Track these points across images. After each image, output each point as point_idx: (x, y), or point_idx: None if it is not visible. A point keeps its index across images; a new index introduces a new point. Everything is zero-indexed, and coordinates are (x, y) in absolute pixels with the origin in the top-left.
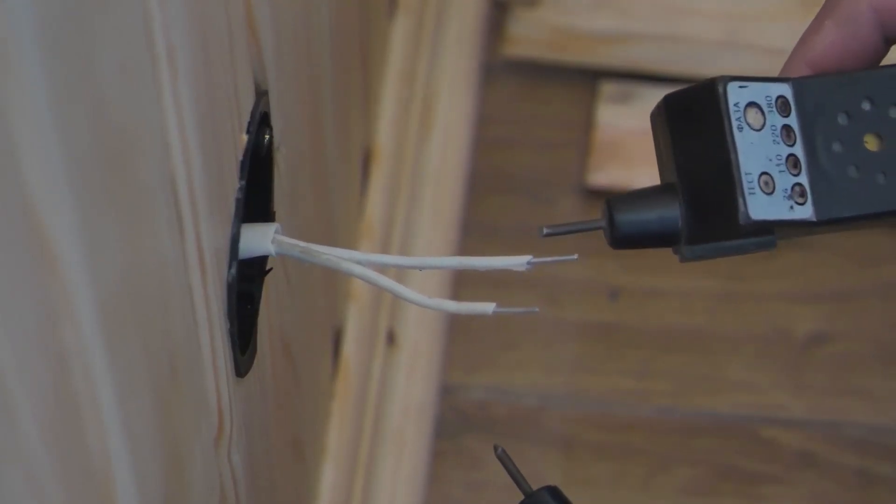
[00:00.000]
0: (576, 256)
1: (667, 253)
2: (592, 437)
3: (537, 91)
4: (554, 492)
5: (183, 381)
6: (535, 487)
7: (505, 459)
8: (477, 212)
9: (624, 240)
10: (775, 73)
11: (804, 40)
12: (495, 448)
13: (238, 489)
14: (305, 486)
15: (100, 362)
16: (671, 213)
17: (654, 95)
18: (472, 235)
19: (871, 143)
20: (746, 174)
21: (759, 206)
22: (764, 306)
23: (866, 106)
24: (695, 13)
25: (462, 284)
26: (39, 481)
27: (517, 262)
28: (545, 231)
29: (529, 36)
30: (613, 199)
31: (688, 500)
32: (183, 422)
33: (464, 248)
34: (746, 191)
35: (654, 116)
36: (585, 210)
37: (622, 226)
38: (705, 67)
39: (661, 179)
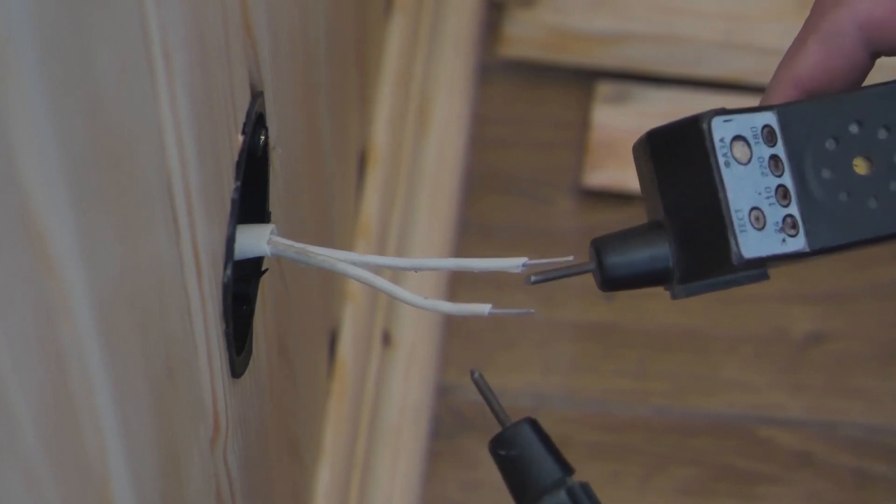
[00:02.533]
0: (571, 258)
1: None
2: (589, 438)
3: (533, 91)
4: (534, 424)
5: (179, 382)
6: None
7: (481, 384)
8: (473, 212)
9: (614, 282)
10: (771, 71)
11: (788, 60)
12: (472, 373)
13: (234, 489)
14: (302, 487)
15: (96, 362)
16: (661, 252)
17: (651, 96)
18: (469, 235)
19: (860, 166)
20: (737, 211)
21: (752, 244)
22: (761, 306)
23: (854, 129)
24: (691, 13)
25: (459, 284)
26: (37, 480)
27: (512, 263)
28: (533, 279)
29: (526, 36)
30: (601, 241)
31: (685, 499)
32: (179, 422)
33: (460, 248)
34: (738, 229)
35: (637, 151)
36: (582, 210)
37: (612, 268)
38: (701, 67)
39: (648, 215)
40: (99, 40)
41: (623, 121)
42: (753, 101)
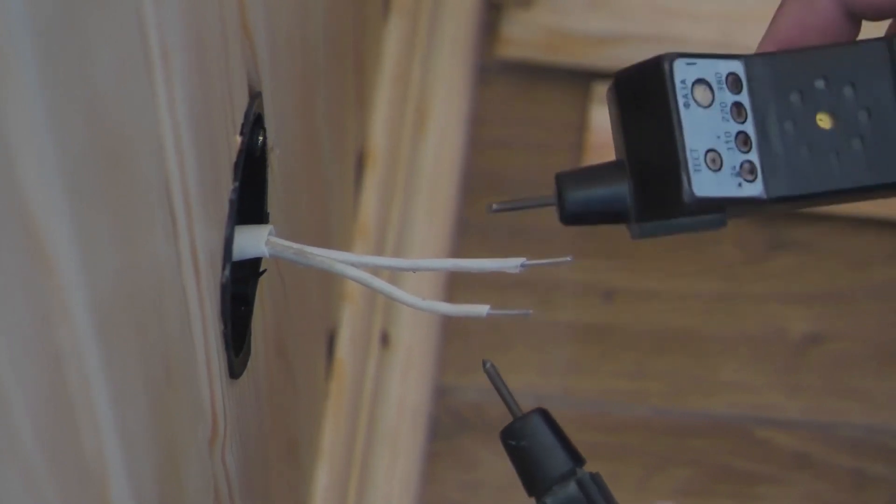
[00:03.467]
0: (570, 258)
1: (660, 254)
2: (587, 438)
3: (531, 92)
4: (544, 414)
5: (177, 383)
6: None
7: (493, 375)
8: (471, 213)
9: (573, 217)
10: None
11: (770, 22)
12: (484, 363)
13: (232, 490)
14: (300, 487)
15: (94, 363)
16: (619, 190)
17: None
18: (467, 236)
19: (824, 121)
20: (692, 151)
21: (705, 184)
22: (758, 307)
23: (820, 84)
24: (688, 14)
25: (457, 286)
26: (36, 481)
27: (510, 264)
28: (494, 207)
29: (523, 37)
30: (563, 176)
31: (683, 500)
32: (177, 423)
33: (458, 249)
34: (692, 168)
35: (608, 94)
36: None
37: (571, 203)
38: None
39: (615, 156)
40: (97, 41)
41: None
42: None
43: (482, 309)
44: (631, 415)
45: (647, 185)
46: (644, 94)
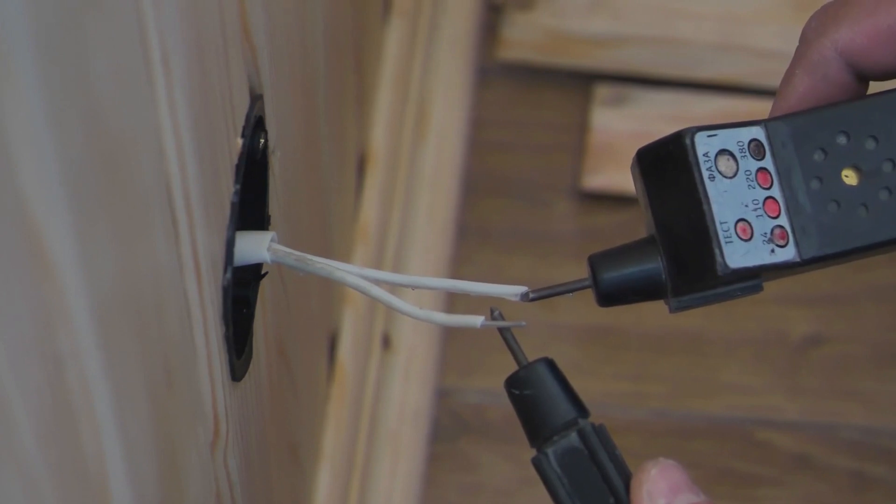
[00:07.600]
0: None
1: None
2: None
3: (532, 94)
4: (550, 364)
5: (178, 385)
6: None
7: (501, 322)
8: (472, 215)
9: (610, 297)
10: (768, 72)
11: (780, 92)
12: (492, 311)
13: (234, 493)
14: (301, 490)
15: (95, 366)
16: (653, 268)
17: (649, 98)
18: (468, 238)
19: (850, 177)
20: (722, 223)
21: (737, 255)
22: (759, 309)
23: (842, 140)
24: (688, 15)
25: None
26: (35, 485)
27: (512, 291)
28: (531, 296)
29: (524, 39)
30: (596, 258)
31: None
32: (179, 426)
33: (459, 252)
34: (723, 241)
35: (632, 169)
36: (580, 212)
37: (606, 285)
38: (699, 70)
39: (646, 232)
40: (96, 45)
41: (622, 123)
42: (751, 103)
43: (476, 320)
44: (631, 417)
45: (681, 260)
46: (668, 170)
